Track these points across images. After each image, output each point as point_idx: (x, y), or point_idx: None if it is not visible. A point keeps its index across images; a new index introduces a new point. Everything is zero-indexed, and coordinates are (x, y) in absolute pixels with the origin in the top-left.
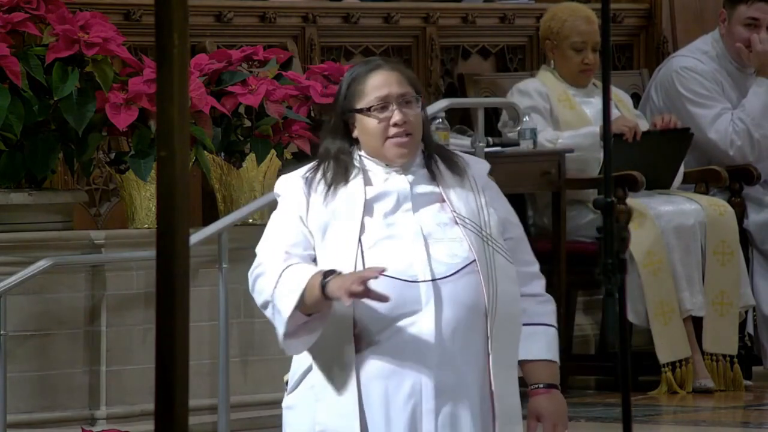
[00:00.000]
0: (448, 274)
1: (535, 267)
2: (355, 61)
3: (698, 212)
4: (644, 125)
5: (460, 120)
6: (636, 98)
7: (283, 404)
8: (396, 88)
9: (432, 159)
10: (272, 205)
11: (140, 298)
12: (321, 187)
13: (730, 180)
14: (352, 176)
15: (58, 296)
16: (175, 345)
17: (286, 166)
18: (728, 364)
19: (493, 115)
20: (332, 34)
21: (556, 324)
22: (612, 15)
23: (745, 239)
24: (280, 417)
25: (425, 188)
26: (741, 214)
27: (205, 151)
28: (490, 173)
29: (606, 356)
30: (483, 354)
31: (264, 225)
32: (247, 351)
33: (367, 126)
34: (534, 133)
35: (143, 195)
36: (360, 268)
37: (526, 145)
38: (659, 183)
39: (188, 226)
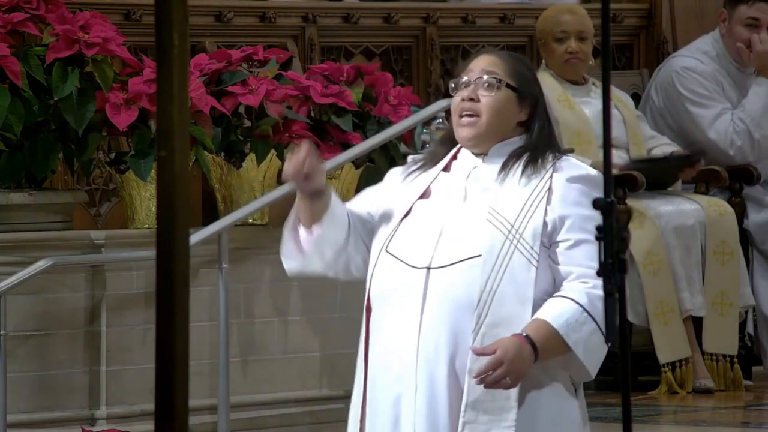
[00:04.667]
0: (443, 265)
1: (591, 270)
2: (355, 61)
3: (698, 212)
4: (644, 125)
5: None
6: (636, 98)
7: None
8: (481, 68)
9: (518, 155)
10: (272, 205)
11: (140, 298)
12: (415, 167)
13: (730, 180)
14: (439, 162)
15: (58, 296)
16: (175, 345)
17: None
18: (728, 364)
19: None
20: (332, 34)
21: (584, 305)
22: (612, 15)
23: (745, 239)
24: (280, 417)
25: (484, 182)
26: (741, 214)
27: (205, 151)
28: (582, 179)
29: (606, 356)
30: (465, 349)
31: (264, 225)
32: (247, 351)
33: (452, 105)
34: None
35: (143, 195)
36: (387, 246)
37: None
38: (659, 186)
39: (188, 226)
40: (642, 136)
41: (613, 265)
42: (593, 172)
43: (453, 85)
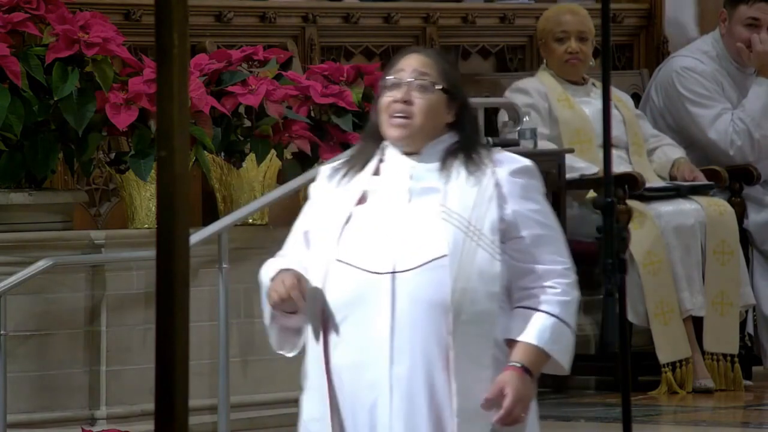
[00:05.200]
0: (409, 268)
1: (556, 266)
2: (355, 62)
3: (698, 212)
4: (645, 124)
5: None
6: (636, 98)
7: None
8: (413, 69)
9: (452, 154)
10: (272, 205)
11: (140, 298)
12: (340, 175)
13: (730, 180)
14: (369, 164)
15: (58, 296)
16: (175, 345)
17: (286, 167)
18: (728, 364)
19: (493, 115)
20: (332, 34)
21: (559, 314)
22: (612, 15)
23: (745, 239)
24: (280, 417)
25: (427, 182)
26: (741, 214)
27: (205, 151)
28: (524, 172)
29: (606, 356)
30: (443, 350)
31: (264, 225)
32: (247, 351)
33: (379, 102)
34: (534, 133)
35: (143, 195)
36: (333, 255)
37: (525, 145)
38: None
39: (188, 226)
40: (642, 135)
41: (613, 265)
42: (529, 161)
43: (382, 84)
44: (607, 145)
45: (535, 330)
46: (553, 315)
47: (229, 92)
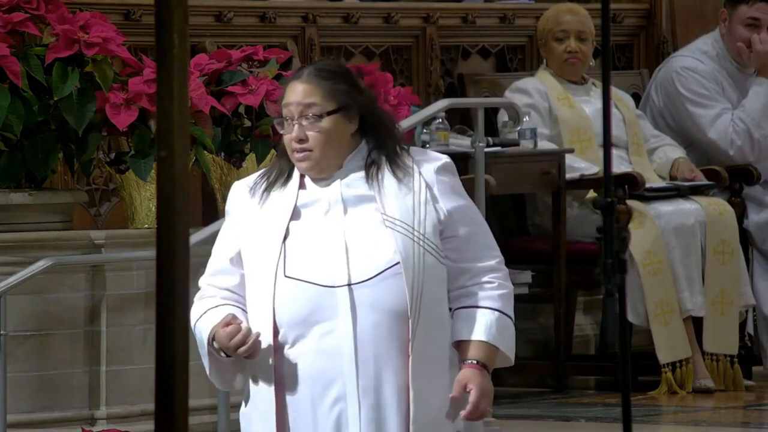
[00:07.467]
0: (365, 279)
1: (490, 261)
2: (355, 61)
3: (698, 212)
4: (645, 124)
5: (460, 120)
6: (636, 98)
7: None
8: (298, 102)
9: (374, 162)
10: None
11: (140, 298)
12: (260, 191)
13: (730, 180)
14: (290, 180)
15: (58, 296)
16: (175, 345)
17: None
18: (728, 364)
19: (492, 115)
20: (332, 34)
21: (501, 308)
22: (612, 15)
23: (745, 239)
24: None
25: (359, 191)
26: (741, 214)
27: (205, 151)
28: (446, 169)
29: (606, 356)
30: (405, 357)
31: None
32: None
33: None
34: (534, 133)
35: (143, 195)
36: (281, 273)
37: (526, 145)
38: None
39: (188, 226)
40: (642, 135)
41: (613, 265)
42: (447, 157)
43: (276, 121)
44: (607, 144)
45: (482, 327)
46: (495, 309)
47: (229, 92)
